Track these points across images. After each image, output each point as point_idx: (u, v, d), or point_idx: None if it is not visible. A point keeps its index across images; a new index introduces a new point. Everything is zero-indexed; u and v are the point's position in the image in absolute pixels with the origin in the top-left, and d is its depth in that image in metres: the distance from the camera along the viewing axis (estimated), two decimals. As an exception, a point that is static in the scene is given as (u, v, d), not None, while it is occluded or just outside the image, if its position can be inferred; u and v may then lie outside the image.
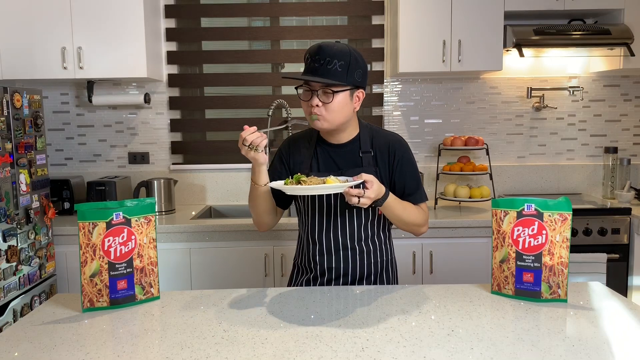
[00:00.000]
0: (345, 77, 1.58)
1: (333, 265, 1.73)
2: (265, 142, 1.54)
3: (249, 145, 1.53)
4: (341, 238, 1.72)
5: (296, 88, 1.66)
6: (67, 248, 2.76)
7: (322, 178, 1.53)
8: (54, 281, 2.71)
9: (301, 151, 1.76)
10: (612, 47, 2.94)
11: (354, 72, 1.60)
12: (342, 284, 1.74)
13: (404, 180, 1.71)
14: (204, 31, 3.32)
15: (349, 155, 1.72)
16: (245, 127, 1.54)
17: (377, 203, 1.56)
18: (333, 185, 1.46)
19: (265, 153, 1.59)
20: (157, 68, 3.17)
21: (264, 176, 1.63)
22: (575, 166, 3.37)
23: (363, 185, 1.51)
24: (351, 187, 1.49)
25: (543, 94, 3.30)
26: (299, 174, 1.56)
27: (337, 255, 1.72)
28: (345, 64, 1.57)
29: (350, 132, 1.72)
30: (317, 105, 1.59)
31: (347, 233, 1.72)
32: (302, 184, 1.50)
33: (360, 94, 1.66)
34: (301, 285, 1.79)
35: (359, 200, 1.49)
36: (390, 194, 1.60)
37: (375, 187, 1.51)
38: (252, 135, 1.53)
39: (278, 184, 1.56)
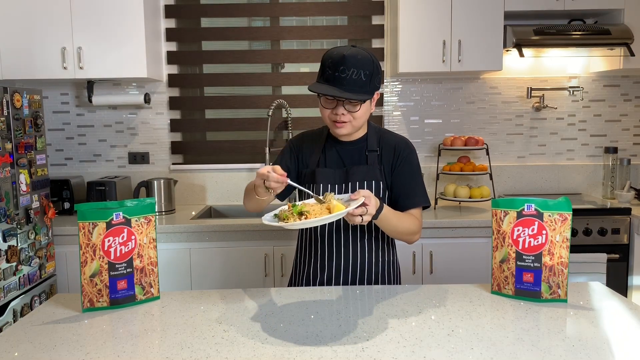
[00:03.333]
0: (369, 86, 1.60)
1: (334, 262, 1.73)
2: (280, 190, 1.50)
3: (265, 183, 1.48)
4: (343, 235, 1.72)
5: (319, 96, 1.64)
6: (67, 248, 2.76)
7: (322, 199, 1.48)
8: (54, 281, 2.71)
9: (311, 146, 1.78)
10: (612, 47, 2.94)
11: (375, 79, 1.62)
12: (343, 282, 1.73)
13: (402, 182, 1.71)
14: (204, 31, 3.33)
15: (355, 153, 1.74)
16: (272, 169, 1.47)
17: (373, 217, 1.53)
18: (336, 214, 1.37)
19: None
20: (157, 68, 3.17)
21: (268, 195, 1.57)
22: (575, 166, 3.37)
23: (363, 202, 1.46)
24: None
25: (543, 94, 3.30)
26: (299, 205, 1.47)
27: (338, 252, 1.72)
28: (369, 73, 1.58)
29: (360, 132, 1.75)
30: (342, 114, 1.61)
31: (350, 231, 1.72)
32: (306, 216, 1.40)
33: (376, 95, 1.69)
34: (301, 282, 1.79)
35: (362, 219, 1.45)
36: (385, 205, 1.57)
37: (373, 202, 1.48)
38: (275, 184, 1.47)
39: (270, 217, 1.47)
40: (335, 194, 1.58)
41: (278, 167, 1.49)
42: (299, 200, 1.74)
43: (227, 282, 2.75)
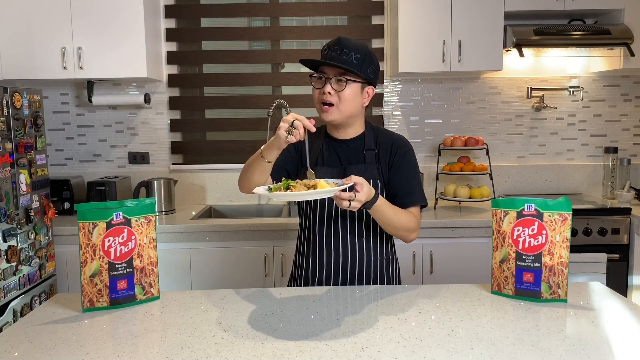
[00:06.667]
0: (360, 69, 1.61)
1: (332, 260, 1.73)
2: (300, 135, 1.48)
3: (291, 125, 1.46)
4: (341, 233, 1.72)
5: (310, 76, 1.68)
6: (67, 248, 2.76)
7: (312, 181, 1.49)
8: (54, 281, 2.71)
9: (309, 144, 1.76)
10: (612, 47, 2.94)
11: (367, 67, 1.64)
12: (341, 281, 1.73)
13: (399, 180, 1.71)
14: (204, 31, 3.33)
15: (352, 152, 1.73)
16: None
17: (366, 206, 1.54)
18: (322, 190, 1.40)
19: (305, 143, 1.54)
20: (157, 68, 3.17)
21: (274, 155, 1.57)
22: (575, 166, 3.37)
23: (353, 187, 1.48)
24: (341, 191, 1.45)
25: (543, 94, 3.30)
26: (287, 180, 1.50)
27: (336, 250, 1.72)
28: (361, 57, 1.61)
29: (357, 129, 1.74)
30: (329, 93, 1.61)
31: (348, 229, 1.72)
32: (291, 189, 1.43)
33: (370, 90, 1.69)
34: (300, 280, 1.79)
35: (350, 204, 1.46)
36: (380, 197, 1.57)
37: (365, 190, 1.48)
38: (300, 126, 1.46)
39: (263, 189, 1.49)
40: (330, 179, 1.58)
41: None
42: (300, 208, 1.74)
43: (227, 282, 2.75)
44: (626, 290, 2.84)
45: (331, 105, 1.63)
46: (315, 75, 1.66)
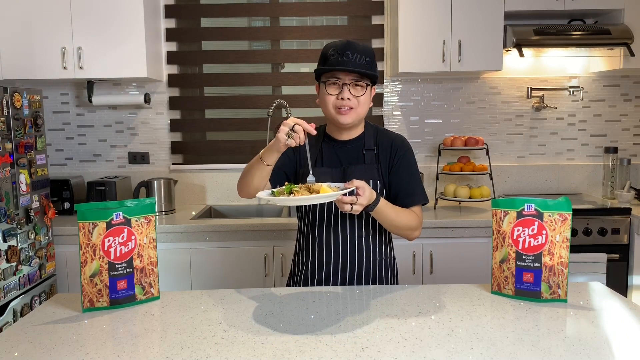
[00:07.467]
0: (371, 72, 1.64)
1: (332, 260, 1.73)
2: (300, 140, 1.49)
3: (291, 129, 1.47)
4: (341, 233, 1.72)
5: (322, 82, 1.65)
6: (67, 248, 2.76)
7: (314, 184, 1.50)
8: (54, 281, 2.71)
9: (309, 144, 1.76)
10: (612, 47, 2.94)
11: (375, 69, 1.67)
12: (340, 280, 1.73)
13: (400, 180, 1.71)
14: (204, 31, 3.33)
15: (352, 152, 1.73)
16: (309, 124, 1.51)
17: (368, 208, 1.55)
18: (325, 195, 1.42)
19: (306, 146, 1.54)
20: (157, 68, 3.17)
21: (274, 158, 1.58)
22: (575, 166, 3.37)
23: (355, 191, 1.49)
24: (343, 195, 1.47)
25: (543, 94, 3.30)
26: (290, 184, 1.52)
27: (335, 250, 1.72)
28: (370, 60, 1.64)
29: (358, 130, 1.75)
30: (348, 99, 1.62)
31: (347, 229, 1.72)
32: (294, 194, 1.45)
33: (374, 90, 1.72)
34: (299, 281, 1.79)
35: (352, 208, 1.48)
36: (382, 199, 1.58)
37: (367, 193, 1.50)
38: (301, 130, 1.48)
39: (266, 194, 1.51)
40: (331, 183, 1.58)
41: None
42: (300, 209, 1.76)
43: (227, 282, 2.75)
44: (626, 290, 2.84)
45: (350, 108, 1.63)
46: (325, 80, 1.64)
